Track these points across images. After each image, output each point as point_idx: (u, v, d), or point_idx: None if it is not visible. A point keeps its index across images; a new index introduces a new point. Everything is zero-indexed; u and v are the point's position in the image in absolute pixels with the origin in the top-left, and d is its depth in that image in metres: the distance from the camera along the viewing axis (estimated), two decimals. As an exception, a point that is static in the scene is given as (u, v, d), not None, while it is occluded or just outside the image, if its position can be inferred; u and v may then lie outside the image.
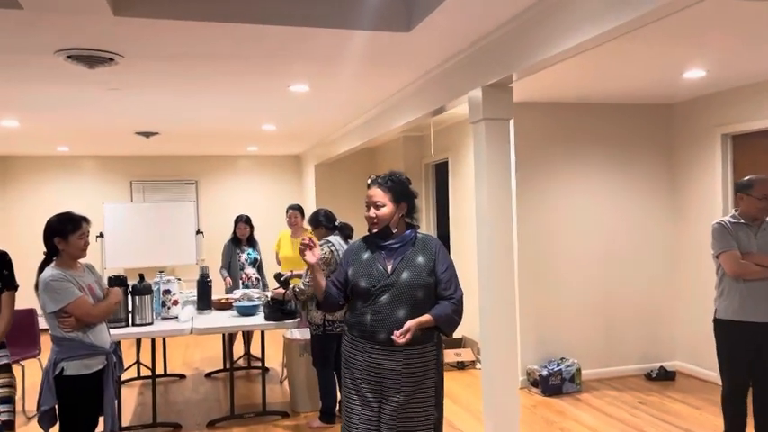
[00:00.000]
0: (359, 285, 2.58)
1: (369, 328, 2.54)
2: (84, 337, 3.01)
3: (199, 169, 9.63)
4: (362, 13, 3.18)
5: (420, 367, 2.56)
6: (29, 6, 2.78)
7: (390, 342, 2.50)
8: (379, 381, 2.54)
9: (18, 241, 8.52)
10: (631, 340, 5.77)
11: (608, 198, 5.73)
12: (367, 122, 6.18)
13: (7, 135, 6.85)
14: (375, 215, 2.59)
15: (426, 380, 2.58)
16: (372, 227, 2.63)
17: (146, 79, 4.34)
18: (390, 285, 2.54)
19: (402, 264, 2.57)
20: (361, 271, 2.60)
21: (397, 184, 2.63)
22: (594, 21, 2.66)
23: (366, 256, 2.63)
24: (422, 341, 2.55)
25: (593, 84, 4.85)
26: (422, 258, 2.59)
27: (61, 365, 2.97)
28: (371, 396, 2.55)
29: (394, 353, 2.52)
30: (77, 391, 3.00)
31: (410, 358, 2.54)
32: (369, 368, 2.55)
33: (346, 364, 2.65)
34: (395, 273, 2.56)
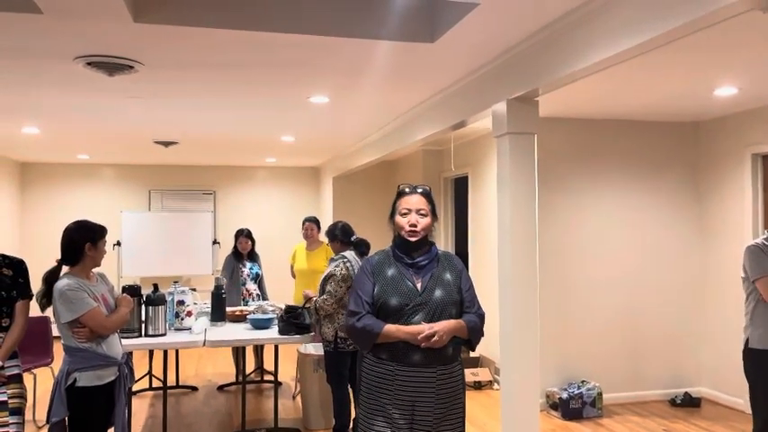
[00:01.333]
0: (389, 304, 2.42)
1: (402, 349, 2.40)
2: (97, 347, 2.96)
3: (217, 179, 9.63)
4: (387, 23, 3.12)
5: (451, 387, 2.46)
6: (49, 11, 2.75)
7: (425, 363, 2.38)
8: (410, 405, 2.40)
9: (35, 248, 8.57)
10: (655, 364, 5.60)
11: (632, 218, 5.59)
12: (387, 135, 6.11)
13: (28, 142, 6.89)
14: (418, 222, 2.47)
15: (456, 401, 2.48)
16: (412, 235, 2.47)
17: (165, 88, 4.31)
18: (423, 304, 2.41)
19: (432, 281, 2.46)
20: (389, 288, 2.44)
21: (431, 197, 2.58)
22: (625, 35, 2.57)
23: (391, 273, 2.48)
24: (452, 359, 2.46)
25: (619, 99, 4.74)
26: (450, 275, 2.50)
27: (74, 376, 2.91)
28: (403, 421, 2.40)
29: (431, 375, 2.40)
30: (89, 402, 2.94)
31: (443, 379, 2.42)
32: (399, 392, 2.40)
33: (369, 388, 2.47)
34: (426, 291, 2.44)
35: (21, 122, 5.70)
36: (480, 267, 6.46)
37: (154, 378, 6.00)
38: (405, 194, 2.52)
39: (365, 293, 2.47)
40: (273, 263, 7.99)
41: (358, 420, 2.54)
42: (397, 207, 2.52)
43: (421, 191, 2.53)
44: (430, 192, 2.57)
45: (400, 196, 2.53)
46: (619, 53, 2.63)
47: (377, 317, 2.44)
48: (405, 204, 2.49)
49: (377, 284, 2.47)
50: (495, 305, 4.93)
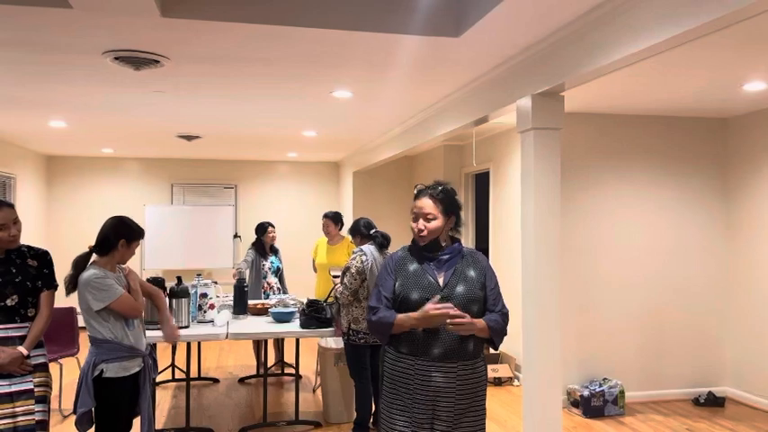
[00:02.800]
0: (410, 298, 2.42)
1: (422, 343, 2.40)
2: (123, 338, 3.00)
3: (238, 173, 9.69)
4: (412, 18, 3.11)
5: (472, 384, 2.44)
6: (78, 6, 2.79)
7: (445, 358, 2.38)
8: (431, 400, 2.40)
9: (61, 240, 8.71)
10: (678, 363, 5.53)
11: (656, 215, 5.52)
12: (408, 130, 6.10)
13: (54, 135, 6.99)
14: (424, 227, 2.45)
15: (477, 397, 2.46)
16: (420, 240, 2.48)
17: (190, 82, 4.34)
18: (445, 299, 2.39)
19: (455, 277, 2.44)
20: (410, 283, 2.45)
21: (447, 195, 2.49)
22: (653, 30, 2.53)
23: (413, 268, 2.48)
24: (473, 356, 2.43)
25: (644, 95, 4.67)
26: (473, 272, 2.47)
27: (101, 367, 2.96)
28: (424, 417, 2.40)
29: (449, 370, 2.39)
30: (116, 392, 2.99)
31: (464, 374, 2.42)
32: (420, 387, 2.40)
33: (391, 382, 2.48)
34: (448, 286, 2.42)
35: (48, 116, 5.79)
36: (501, 263, 6.43)
37: (177, 369, 6.07)
38: (416, 197, 2.51)
39: (386, 290, 2.49)
40: (293, 257, 8.05)
41: (380, 415, 2.55)
42: (412, 209, 2.52)
43: (429, 192, 2.48)
44: (441, 191, 2.48)
45: (414, 198, 2.53)
46: (647, 48, 2.60)
47: (399, 311, 2.43)
48: (414, 208, 2.49)
49: (398, 280, 2.47)
50: (515, 301, 4.91)
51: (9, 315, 2.82)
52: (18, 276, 2.85)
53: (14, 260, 2.87)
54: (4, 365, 2.76)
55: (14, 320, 2.84)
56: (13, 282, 2.83)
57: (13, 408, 2.78)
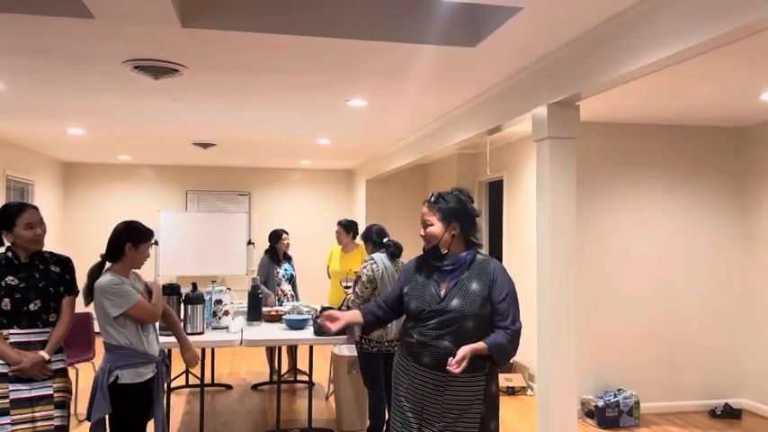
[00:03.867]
0: (410, 307, 2.53)
1: (414, 349, 2.48)
2: (138, 344, 3.02)
3: (252, 181, 9.75)
4: (430, 28, 3.13)
5: (465, 397, 2.41)
6: (100, 16, 2.84)
7: (434, 367, 2.41)
8: (420, 404, 2.46)
9: (78, 246, 8.79)
10: (694, 374, 5.47)
11: (672, 225, 5.48)
12: (422, 138, 6.11)
13: (73, 143, 7.08)
14: (424, 233, 2.55)
15: (471, 411, 2.41)
16: (424, 244, 2.59)
17: (207, 91, 4.39)
18: (440, 312, 2.42)
19: (455, 289, 2.43)
20: (414, 292, 2.53)
21: (447, 202, 2.51)
22: (671, 39, 2.53)
23: (421, 278, 2.55)
24: (469, 370, 2.34)
25: (659, 103, 4.66)
26: (476, 285, 2.43)
27: (116, 374, 2.97)
28: (413, 416, 2.46)
29: (438, 379, 2.41)
30: (131, 398, 3.01)
31: (453, 387, 2.40)
32: (412, 389, 2.48)
33: (394, 380, 2.61)
34: (446, 298, 2.43)
35: (67, 124, 5.87)
36: (515, 272, 6.39)
37: (191, 375, 6.10)
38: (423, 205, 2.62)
39: (391, 292, 2.70)
40: (306, 264, 8.06)
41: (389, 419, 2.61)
42: None
43: (429, 200, 2.55)
44: (440, 198, 2.52)
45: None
46: (664, 58, 2.60)
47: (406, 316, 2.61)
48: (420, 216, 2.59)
49: (406, 287, 2.58)
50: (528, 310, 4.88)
51: (31, 320, 2.86)
52: (41, 282, 2.89)
53: (38, 265, 2.91)
54: (25, 369, 2.79)
55: (37, 325, 2.87)
56: (36, 287, 2.87)
57: (33, 412, 2.81)
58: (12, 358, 2.78)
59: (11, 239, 2.86)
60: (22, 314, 2.83)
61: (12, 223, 2.84)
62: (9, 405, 2.75)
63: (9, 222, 2.84)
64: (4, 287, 2.80)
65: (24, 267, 2.87)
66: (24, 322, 2.84)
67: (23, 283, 2.84)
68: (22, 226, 2.85)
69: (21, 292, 2.83)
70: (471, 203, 2.57)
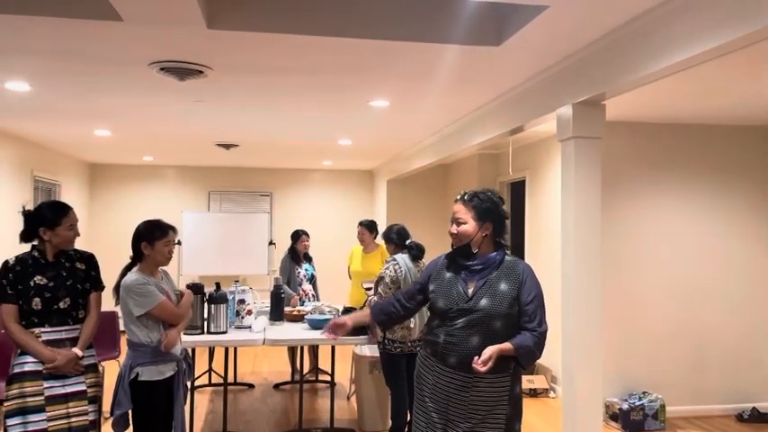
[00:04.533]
0: (437, 305, 2.51)
1: (441, 349, 2.46)
2: (159, 344, 3.06)
3: (274, 181, 9.81)
4: (453, 27, 3.12)
5: (490, 398, 2.42)
6: (129, 19, 2.87)
7: (460, 368, 2.40)
8: (445, 405, 2.45)
9: (104, 244, 8.92)
10: (721, 377, 5.38)
11: (699, 226, 5.40)
12: (443, 139, 6.10)
13: (99, 144, 7.19)
14: (456, 231, 2.52)
15: (496, 411, 2.43)
16: (454, 242, 2.57)
17: (231, 92, 4.43)
18: (468, 311, 2.42)
19: (484, 289, 2.44)
20: (441, 290, 2.52)
21: (482, 201, 2.51)
22: (700, 37, 2.49)
23: (448, 276, 2.54)
24: (493, 371, 2.35)
25: (687, 103, 4.59)
26: (505, 285, 2.44)
27: (136, 371, 3.02)
28: (437, 417, 2.46)
29: (464, 380, 2.41)
30: (151, 395, 3.06)
31: (479, 388, 2.40)
32: (437, 389, 2.47)
33: (417, 380, 2.60)
34: (474, 297, 2.43)
35: (93, 125, 5.96)
36: (537, 273, 6.33)
37: (213, 374, 6.16)
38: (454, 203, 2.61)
39: (412, 285, 2.72)
40: (327, 265, 8.09)
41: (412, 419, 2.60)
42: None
43: (464, 199, 2.54)
44: (475, 197, 2.52)
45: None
46: (692, 57, 2.56)
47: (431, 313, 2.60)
48: (452, 213, 2.58)
49: (432, 284, 2.57)
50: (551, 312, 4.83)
51: (62, 317, 2.91)
52: (69, 279, 2.94)
53: (64, 264, 2.96)
54: (60, 367, 2.84)
55: (67, 323, 2.92)
56: (64, 285, 2.92)
57: (67, 408, 2.86)
58: (46, 356, 2.83)
59: (47, 237, 2.88)
60: (52, 312, 2.88)
61: (56, 223, 2.89)
62: (44, 402, 2.79)
63: (54, 221, 2.89)
64: (33, 287, 2.85)
65: (51, 266, 2.91)
66: (55, 320, 2.88)
67: (52, 281, 2.89)
68: (66, 226, 2.92)
69: (50, 291, 2.87)
70: (503, 205, 2.59)
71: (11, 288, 2.83)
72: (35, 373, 2.80)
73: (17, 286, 2.83)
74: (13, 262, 2.86)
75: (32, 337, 2.84)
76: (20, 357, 2.83)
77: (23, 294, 2.83)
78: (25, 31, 3.12)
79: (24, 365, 2.80)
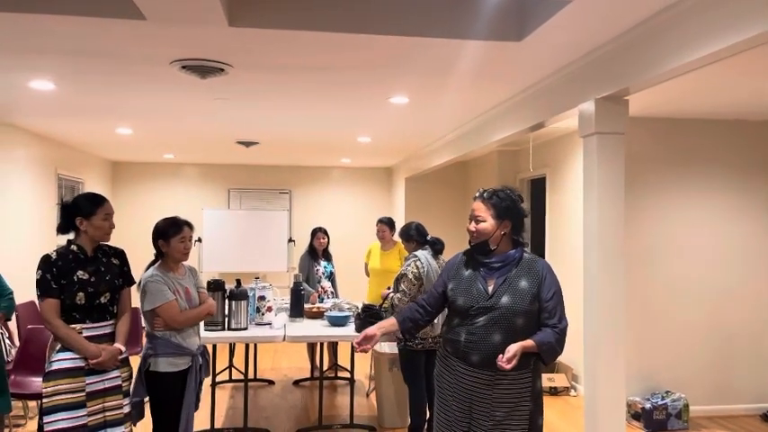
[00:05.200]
0: (456, 303, 2.50)
1: (462, 348, 2.46)
2: (171, 336, 3.14)
3: (293, 179, 9.86)
4: (475, 23, 3.10)
5: (513, 395, 2.42)
6: (152, 17, 2.90)
7: (483, 366, 2.40)
8: (468, 403, 2.45)
9: (126, 241, 8.99)
10: (745, 377, 5.30)
11: (724, 222, 5.31)
12: (463, 135, 6.07)
13: (120, 142, 7.27)
14: (474, 229, 2.51)
15: (520, 408, 2.43)
16: (472, 239, 2.56)
17: (251, 89, 4.45)
18: (489, 308, 2.42)
19: (504, 286, 2.44)
20: (460, 288, 2.51)
21: (502, 200, 2.51)
22: (728, 29, 2.44)
23: (467, 273, 2.54)
24: (516, 368, 2.36)
25: (713, 98, 4.51)
26: (525, 282, 2.45)
27: (150, 361, 3.12)
28: (461, 416, 2.46)
29: (487, 378, 2.41)
30: (164, 386, 3.13)
31: (502, 385, 2.41)
32: (458, 388, 2.47)
33: (438, 380, 2.60)
34: (495, 295, 2.43)
35: (115, 124, 6.03)
36: (558, 271, 6.27)
37: (234, 370, 6.20)
38: (473, 200, 2.59)
39: (435, 287, 2.66)
40: (346, 262, 8.09)
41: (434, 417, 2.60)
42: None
43: (483, 196, 2.53)
44: (495, 195, 2.51)
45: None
46: (719, 50, 2.51)
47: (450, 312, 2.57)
48: (470, 211, 2.57)
49: (451, 281, 2.55)
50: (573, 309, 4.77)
51: (102, 313, 2.92)
52: (107, 274, 2.95)
53: (101, 259, 2.97)
54: (105, 363, 2.86)
55: (105, 318, 2.94)
56: (104, 280, 2.93)
57: (104, 403, 2.89)
58: (92, 352, 2.82)
59: (84, 227, 2.87)
60: (94, 308, 2.88)
61: (92, 212, 2.87)
62: (86, 398, 2.81)
63: (90, 211, 2.87)
64: (77, 281, 2.83)
65: (91, 261, 2.91)
66: (96, 315, 2.89)
67: (93, 276, 2.88)
68: (102, 216, 2.90)
69: (93, 286, 2.87)
70: (522, 203, 2.57)
71: (55, 282, 2.79)
72: (77, 369, 2.80)
73: (60, 281, 2.79)
74: (54, 257, 2.82)
75: (76, 332, 2.82)
76: (59, 354, 2.80)
77: (67, 289, 2.80)
78: (49, 31, 3.16)
79: (64, 362, 2.79)
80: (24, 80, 4.26)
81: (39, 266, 2.80)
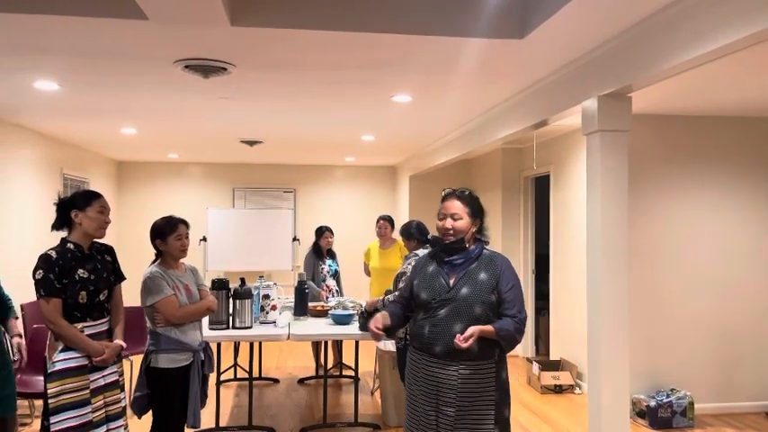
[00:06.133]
0: (420, 297, 2.62)
1: (426, 340, 2.57)
2: (170, 332, 3.16)
3: (297, 178, 9.87)
4: (477, 20, 3.09)
5: (476, 384, 2.52)
6: (154, 17, 2.91)
7: (446, 355, 2.51)
8: (435, 393, 2.54)
9: (131, 241, 9.07)
10: (751, 374, 5.28)
11: (728, 220, 5.29)
12: (467, 133, 6.06)
13: (125, 142, 7.30)
14: (452, 226, 2.59)
15: (484, 396, 2.54)
16: (447, 237, 2.62)
17: (254, 88, 4.46)
18: (450, 300, 2.54)
19: (464, 279, 2.57)
20: (423, 283, 2.63)
21: (474, 199, 2.66)
22: (733, 24, 2.43)
23: (431, 269, 2.66)
24: (478, 357, 2.51)
25: (717, 95, 4.49)
26: (485, 275, 2.57)
27: (151, 357, 3.15)
28: (429, 408, 2.55)
29: (449, 366, 2.52)
30: (164, 382, 3.16)
31: (465, 373, 2.51)
32: (426, 380, 2.57)
33: (408, 378, 2.69)
34: (455, 287, 2.56)
35: (120, 123, 6.05)
36: (562, 269, 6.30)
37: (239, 369, 6.22)
38: (443, 199, 2.67)
39: (404, 289, 2.79)
40: (351, 260, 8.10)
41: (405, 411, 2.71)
42: (439, 210, 2.67)
43: (458, 194, 2.63)
44: (469, 194, 2.65)
45: (442, 201, 2.68)
46: (724, 46, 2.50)
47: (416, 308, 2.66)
48: (443, 209, 2.64)
49: (416, 278, 2.68)
50: (576, 307, 4.79)
51: (100, 310, 2.93)
52: (104, 272, 2.96)
53: (96, 256, 2.97)
54: (108, 360, 2.88)
55: (103, 315, 2.96)
56: (102, 277, 2.93)
57: (104, 398, 2.92)
58: (96, 350, 2.83)
59: (79, 220, 2.84)
60: (94, 306, 2.89)
61: (88, 203, 2.85)
62: (90, 395, 2.83)
63: (86, 203, 2.85)
64: (78, 280, 2.81)
65: (89, 259, 2.90)
66: (96, 313, 2.90)
67: (92, 274, 2.88)
68: (98, 208, 2.88)
69: (93, 284, 2.87)
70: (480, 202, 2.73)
71: (58, 282, 2.76)
72: (81, 367, 2.81)
73: (62, 280, 2.78)
74: (55, 256, 2.79)
75: (78, 331, 2.81)
76: (62, 353, 2.79)
77: (69, 289, 2.79)
78: (53, 31, 3.18)
79: (68, 362, 2.79)
80: (29, 81, 4.28)
81: (38, 266, 2.76)
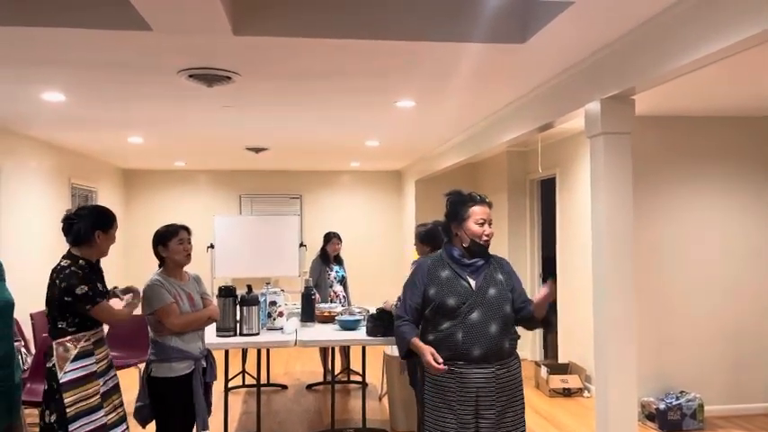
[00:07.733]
0: (446, 303, 2.58)
1: (462, 347, 2.54)
2: (170, 341, 3.14)
3: (303, 184, 9.90)
4: (478, 25, 3.11)
5: (509, 381, 2.60)
6: (158, 28, 2.94)
7: (485, 359, 2.53)
8: (473, 399, 2.54)
9: (138, 249, 9.11)
10: (761, 375, 5.24)
11: (735, 222, 5.26)
12: (471, 137, 6.07)
13: (132, 150, 7.35)
14: (490, 233, 2.67)
15: (517, 394, 2.64)
16: (485, 243, 2.67)
17: (258, 96, 4.48)
18: (480, 303, 2.56)
19: (486, 281, 2.62)
20: (446, 289, 2.61)
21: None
22: (735, 26, 2.43)
23: (446, 274, 2.64)
24: (509, 354, 2.61)
25: (720, 96, 4.48)
26: (501, 275, 2.68)
27: (152, 367, 3.15)
28: (469, 417, 2.53)
29: (486, 368, 2.54)
30: (165, 391, 3.14)
31: (501, 373, 2.57)
32: (463, 388, 2.54)
33: (434, 386, 2.61)
34: (480, 290, 2.59)
35: (127, 133, 6.10)
36: (569, 272, 6.28)
37: (247, 375, 6.24)
38: (477, 203, 2.67)
39: (413, 300, 2.67)
40: (358, 266, 8.11)
41: (424, 418, 2.66)
42: (470, 214, 2.64)
43: (486, 201, 2.71)
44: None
45: (472, 204, 2.66)
46: (726, 47, 2.50)
47: (435, 317, 2.60)
48: (480, 214, 2.65)
49: (431, 287, 2.62)
50: (583, 309, 4.77)
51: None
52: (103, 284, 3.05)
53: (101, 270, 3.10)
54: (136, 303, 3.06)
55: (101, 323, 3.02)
56: (106, 290, 3.04)
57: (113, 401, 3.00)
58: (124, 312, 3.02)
59: (100, 241, 2.94)
60: None
61: (111, 226, 2.99)
62: (101, 399, 2.89)
63: (110, 225, 2.99)
64: (100, 293, 2.92)
65: (97, 273, 3.03)
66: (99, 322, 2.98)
67: (104, 287, 3.01)
68: (115, 230, 3.03)
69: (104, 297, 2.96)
70: None
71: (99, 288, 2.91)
72: (90, 374, 2.88)
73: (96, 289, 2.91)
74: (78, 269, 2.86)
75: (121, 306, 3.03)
76: (73, 363, 2.83)
77: None
78: (59, 43, 3.22)
79: (78, 371, 2.84)
80: (37, 92, 4.32)
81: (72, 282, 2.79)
